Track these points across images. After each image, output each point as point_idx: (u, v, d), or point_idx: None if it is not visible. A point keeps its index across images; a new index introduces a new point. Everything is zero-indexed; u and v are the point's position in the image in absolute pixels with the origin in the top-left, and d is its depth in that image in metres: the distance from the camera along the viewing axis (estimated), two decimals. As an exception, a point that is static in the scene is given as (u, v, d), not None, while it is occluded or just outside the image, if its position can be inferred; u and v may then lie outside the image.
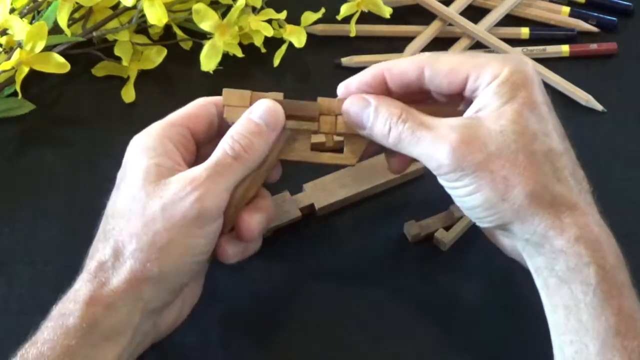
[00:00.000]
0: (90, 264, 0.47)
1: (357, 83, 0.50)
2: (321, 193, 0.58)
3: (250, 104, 0.50)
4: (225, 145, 0.49)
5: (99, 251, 0.47)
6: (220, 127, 0.52)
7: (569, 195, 0.45)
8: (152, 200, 0.47)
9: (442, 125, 0.46)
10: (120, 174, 0.50)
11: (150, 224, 0.46)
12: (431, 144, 0.46)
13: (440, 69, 0.48)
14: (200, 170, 0.48)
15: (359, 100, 0.50)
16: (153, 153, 0.49)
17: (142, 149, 0.49)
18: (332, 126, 0.51)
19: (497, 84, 0.46)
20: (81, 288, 0.46)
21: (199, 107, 0.52)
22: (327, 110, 0.51)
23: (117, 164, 0.51)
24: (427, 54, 0.49)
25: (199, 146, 0.52)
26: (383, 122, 0.48)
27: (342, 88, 0.51)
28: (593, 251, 0.43)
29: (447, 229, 0.57)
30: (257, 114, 0.50)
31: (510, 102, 0.46)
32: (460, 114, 0.48)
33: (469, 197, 0.46)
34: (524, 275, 0.54)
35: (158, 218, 0.46)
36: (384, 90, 0.50)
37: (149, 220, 0.46)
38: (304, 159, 0.51)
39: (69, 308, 0.45)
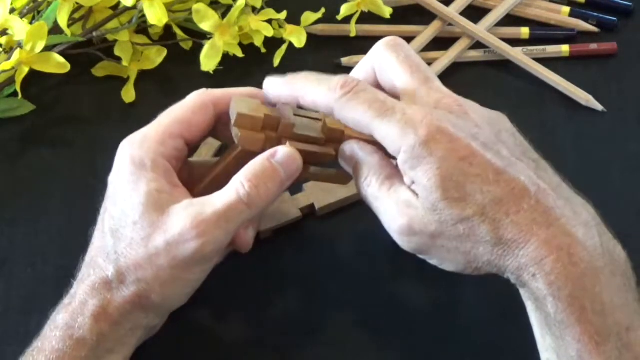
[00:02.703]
0: (93, 277, 0.47)
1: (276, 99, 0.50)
2: (321, 193, 0.58)
3: (263, 126, 0.48)
4: (240, 189, 0.47)
5: (100, 267, 0.47)
6: (216, 127, 0.52)
7: (520, 232, 0.44)
8: (155, 233, 0.46)
9: (393, 202, 0.46)
10: (114, 183, 0.49)
11: (154, 257, 0.46)
12: (385, 223, 0.48)
13: (345, 118, 0.47)
14: (208, 213, 0.46)
15: (348, 157, 0.49)
16: (151, 175, 0.48)
17: (137, 166, 0.48)
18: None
19: (403, 162, 0.45)
20: (87, 302, 0.47)
21: (197, 110, 0.50)
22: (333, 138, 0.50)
23: (117, 164, 0.51)
24: (335, 95, 0.47)
25: (190, 144, 0.51)
26: (357, 180, 0.49)
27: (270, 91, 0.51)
28: (549, 285, 0.43)
29: (447, 229, 0.57)
30: (278, 159, 0.48)
31: (426, 175, 0.44)
32: None
33: (441, 267, 0.47)
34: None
35: (162, 254, 0.46)
36: None
37: (153, 254, 0.46)
38: (302, 177, 0.51)
39: (77, 321, 0.46)
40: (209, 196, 0.47)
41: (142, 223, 0.47)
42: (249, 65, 0.67)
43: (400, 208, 0.46)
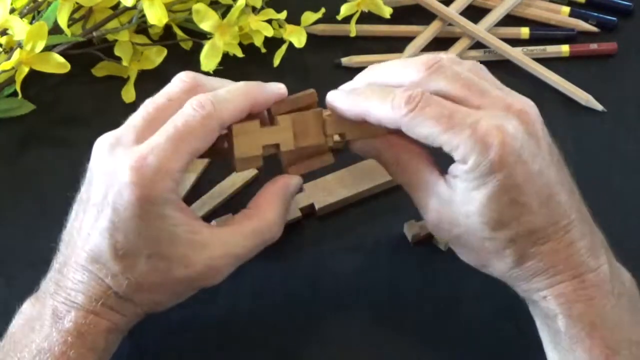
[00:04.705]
0: (95, 289, 0.47)
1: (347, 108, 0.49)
2: (321, 193, 0.58)
3: (263, 153, 0.49)
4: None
5: (106, 284, 0.47)
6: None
7: (540, 261, 0.45)
8: (174, 267, 0.47)
9: (434, 196, 0.47)
10: (119, 214, 0.46)
11: (174, 287, 0.48)
12: (420, 208, 0.49)
13: (413, 134, 0.45)
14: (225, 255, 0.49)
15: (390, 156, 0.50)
16: (166, 213, 0.46)
17: (150, 205, 0.45)
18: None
19: (466, 171, 0.44)
20: (100, 322, 0.47)
21: (208, 140, 0.47)
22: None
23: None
24: (400, 112, 0.45)
25: None
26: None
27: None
28: (559, 305, 0.44)
29: (447, 229, 0.57)
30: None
31: (479, 189, 0.44)
32: None
33: (458, 255, 0.49)
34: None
35: (183, 284, 0.48)
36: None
37: (171, 284, 0.48)
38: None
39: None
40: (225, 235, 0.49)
41: (158, 255, 0.46)
42: (249, 65, 0.67)
43: (433, 198, 0.47)
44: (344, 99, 0.49)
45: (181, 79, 0.49)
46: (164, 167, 0.45)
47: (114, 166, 0.46)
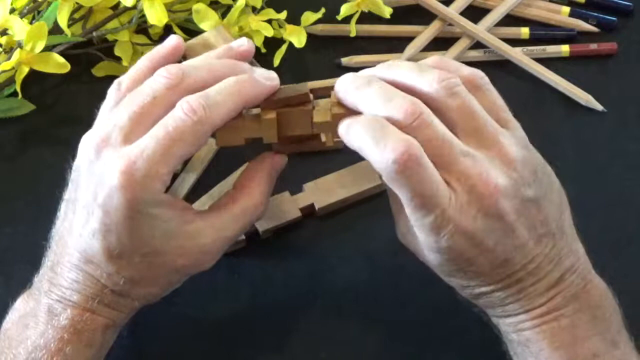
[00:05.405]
0: (90, 289, 0.47)
1: None
2: (321, 193, 0.58)
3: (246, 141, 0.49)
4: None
5: (102, 284, 0.48)
6: None
7: (491, 302, 0.47)
8: (169, 259, 0.48)
9: (403, 216, 0.46)
10: (110, 216, 0.46)
11: (166, 277, 0.50)
12: (394, 218, 0.49)
13: (392, 188, 0.44)
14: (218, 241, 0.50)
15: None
16: (155, 213, 0.46)
17: (141, 207, 0.45)
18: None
19: (422, 239, 0.45)
20: (96, 318, 0.47)
21: (200, 146, 0.47)
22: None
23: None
24: (386, 166, 0.43)
25: None
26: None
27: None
28: (509, 332, 0.47)
29: (447, 229, 0.57)
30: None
31: (431, 253, 0.46)
32: None
33: None
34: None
35: (179, 274, 0.50)
36: None
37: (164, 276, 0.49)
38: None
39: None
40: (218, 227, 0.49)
41: (153, 252, 0.47)
42: (249, 65, 0.66)
43: (404, 228, 0.48)
44: (345, 127, 0.46)
45: (164, 75, 0.47)
46: (154, 171, 0.45)
47: (102, 168, 0.46)
